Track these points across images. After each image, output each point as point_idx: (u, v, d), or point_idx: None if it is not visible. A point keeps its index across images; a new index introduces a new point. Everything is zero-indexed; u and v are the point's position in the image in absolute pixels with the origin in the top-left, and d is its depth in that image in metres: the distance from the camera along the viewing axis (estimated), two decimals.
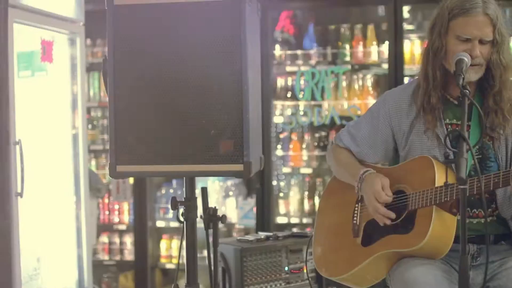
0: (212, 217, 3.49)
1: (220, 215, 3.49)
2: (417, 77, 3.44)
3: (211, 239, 3.43)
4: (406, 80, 5.81)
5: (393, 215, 3.24)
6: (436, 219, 3.11)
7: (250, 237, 4.65)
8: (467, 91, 2.92)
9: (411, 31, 6.28)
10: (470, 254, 3.22)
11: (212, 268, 3.53)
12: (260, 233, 4.89)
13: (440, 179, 3.14)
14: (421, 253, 3.16)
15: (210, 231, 3.51)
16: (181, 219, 3.40)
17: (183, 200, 3.40)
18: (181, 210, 3.40)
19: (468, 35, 3.18)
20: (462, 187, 2.71)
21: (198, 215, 3.46)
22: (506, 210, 3.20)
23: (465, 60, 3.10)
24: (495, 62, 3.21)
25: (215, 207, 3.49)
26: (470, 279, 3.15)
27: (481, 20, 3.18)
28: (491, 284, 3.16)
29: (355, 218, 3.44)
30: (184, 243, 3.40)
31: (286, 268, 4.58)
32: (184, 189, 3.44)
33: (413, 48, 6.12)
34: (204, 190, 3.50)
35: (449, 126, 3.31)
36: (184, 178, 3.42)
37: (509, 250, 3.27)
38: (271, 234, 4.74)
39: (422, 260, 3.15)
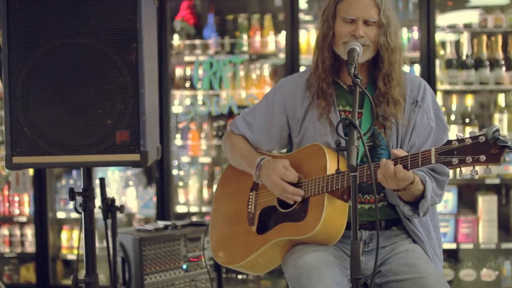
0: (110, 207, 3.50)
1: (119, 205, 3.50)
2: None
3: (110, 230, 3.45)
4: (302, 69, 5.89)
5: (302, 192, 3.29)
6: (328, 206, 3.18)
7: (149, 227, 4.65)
8: (359, 80, 2.97)
9: (308, 22, 6.36)
10: (362, 240, 3.30)
11: (111, 258, 3.54)
12: (159, 222, 4.89)
13: (331, 167, 3.21)
14: (314, 240, 3.22)
15: (109, 221, 3.51)
16: (79, 209, 3.40)
17: (81, 190, 3.39)
18: (79, 200, 3.39)
19: (352, 15, 3.27)
20: (352, 174, 2.77)
21: (97, 205, 3.46)
22: (392, 198, 3.28)
23: (357, 49, 3.15)
24: (383, 44, 3.30)
25: (113, 197, 3.50)
26: (362, 264, 3.26)
27: (365, 1, 3.27)
28: (382, 269, 3.25)
29: (250, 206, 3.49)
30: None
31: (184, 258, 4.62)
32: (82, 179, 3.44)
33: (310, 38, 6.19)
34: (102, 181, 3.50)
35: (343, 113, 3.37)
36: (82, 168, 3.41)
37: (400, 235, 3.37)
38: (169, 223, 4.76)
39: (315, 246, 3.22)
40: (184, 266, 4.61)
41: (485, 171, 2.80)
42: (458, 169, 2.87)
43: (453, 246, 6.00)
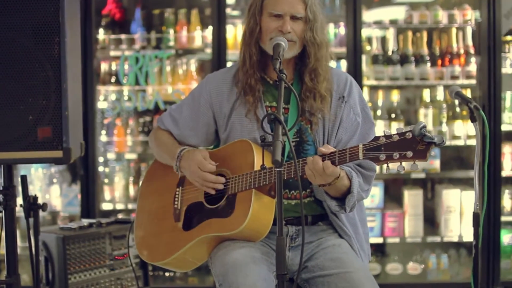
0: (32, 205, 3.43)
1: (41, 203, 3.44)
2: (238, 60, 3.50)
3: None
4: (229, 65, 5.87)
5: (222, 180, 3.27)
6: (255, 202, 3.16)
7: (73, 225, 4.57)
8: (284, 75, 2.97)
9: (235, 17, 6.34)
10: (289, 236, 3.30)
11: (34, 257, 3.47)
12: (83, 220, 4.82)
13: (259, 162, 3.19)
14: (241, 236, 3.21)
15: (32, 219, 3.45)
16: None
17: (1, 188, 3.32)
18: (0, 198, 3.32)
19: (279, 11, 3.27)
20: (278, 169, 2.75)
21: (19, 203, 3.39)
22: (319, 193, 3.28)
23: (282, 44, 3.16)
24: (309, 39, 3.30)
25: (35, 195, 3.44)
26: (289, 259, 3.26)
27: None
28: (309, 264, 3.25)
29: (176, 202, 3.45)
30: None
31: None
32: (2, 177, 3.36)
33: (237, 33, 6.17)
34: (23, 178, 3.43)
35: (269, 108, 3.37)
36: (2, 165, 3.34)
37: (326, 230, 3.37)
38: (94, 221, 4.69)
39: (241, 243, 3.21)
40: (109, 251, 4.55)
41: (412, 166, 2.83)
42: (385, 165, 2.89)
43: (379, 240, 6.06)
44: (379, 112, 6.04)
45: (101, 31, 6.26)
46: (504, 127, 5.90)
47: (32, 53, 3.10)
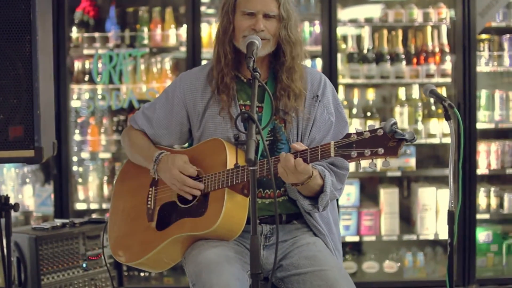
0: (4, 205, 3.41)
1: (13, 203, 3.41)
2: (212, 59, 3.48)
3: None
4: (204, 63, 5.83)
5: (202, 186, 3.24)
6: (228, 201, 3.15)
7: (45, 225, 4.52)
8: (258, 73, 2.96)
9: (209, 15, 6.32)
10: (263, 234, 3.29)
11: (6, 258, 3.44)
12: (56, 220, 4.77)
13: (231, 161, 3.19)
14: (214, 236, 3.19)
15: (3, 220, 3.42)
16: None
17: None
18: None
19: (252, 9, 3.26)
20: (251, 168, 2.74)
21: None
22: (293, 192, 3.27)
23: (256, 43, 3.16)
24: (284, 38, 3.30)
25: (6, 195, 3.42)
26: (264, 258, 3.26)
27: None
28: (284, 263, 3.24)
29: (149, 202, 3.43)
30: None
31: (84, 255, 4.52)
32: None
33: (212, 31, 6.15)
34: None
35: (243, 107, 3.36)
36: None
37: (301, 229, 3.36)
38: (67, 221, 4.64)
39: (215, 242, 3.19)
40: (84, 265, 4.50)
41: (384, 163, 2.84)
42: (358, 162, 2.89)
43: (356, 238, 6.06)
44: (354, 111, 6.04)
45: (74, 29, 6.20)
46: (479, 125, 5.93)
47: (3, 51, 3.08)
